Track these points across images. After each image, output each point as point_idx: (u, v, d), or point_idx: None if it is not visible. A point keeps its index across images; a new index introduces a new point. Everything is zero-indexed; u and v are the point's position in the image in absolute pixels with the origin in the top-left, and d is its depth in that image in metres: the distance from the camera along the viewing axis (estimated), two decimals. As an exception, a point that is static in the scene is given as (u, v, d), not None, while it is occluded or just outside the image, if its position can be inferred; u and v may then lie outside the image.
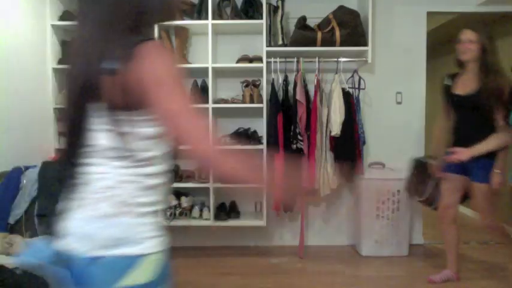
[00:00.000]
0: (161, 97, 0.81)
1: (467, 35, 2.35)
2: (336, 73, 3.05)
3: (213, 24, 2.97)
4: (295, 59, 3.04)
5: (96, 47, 0.84)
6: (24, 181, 2.23)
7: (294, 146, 2.92)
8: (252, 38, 3.20)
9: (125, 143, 0.84)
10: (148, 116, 0.85)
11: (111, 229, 0.83)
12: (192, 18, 3.08)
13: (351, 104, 3.03)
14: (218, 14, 3.03)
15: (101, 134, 0.86)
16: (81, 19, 0.90)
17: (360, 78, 3.14)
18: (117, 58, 0.81)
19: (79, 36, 0.90)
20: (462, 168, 2.43)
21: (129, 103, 0.83)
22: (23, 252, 0.87)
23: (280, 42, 2.99)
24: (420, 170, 2.74)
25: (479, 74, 2.33)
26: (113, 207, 0.84)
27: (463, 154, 2.33)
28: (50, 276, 0.84)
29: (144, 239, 0.84)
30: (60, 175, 0.91)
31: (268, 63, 3.01)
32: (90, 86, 0.83)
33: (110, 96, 0.82)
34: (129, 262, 0.81)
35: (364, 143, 3.13)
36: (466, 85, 2.39)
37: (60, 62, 3.02)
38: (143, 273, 0.82)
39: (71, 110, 0.90)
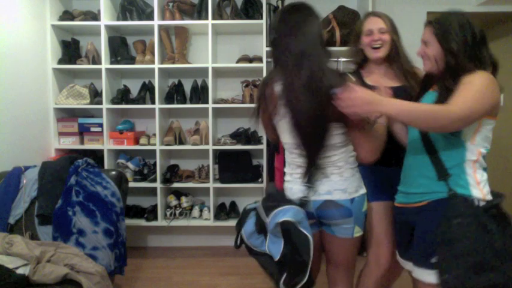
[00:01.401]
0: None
1: (378, 24, 1.79)
2: (336, 73, 3.05)
3: (213, 24, 2.97)
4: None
5: (327, 79, 1.35)
6: (24, 181, 2.23)
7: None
8: (252, 38, 3.20)
9: (346, 139, 1.46)
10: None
11: (353, 183, 1.46)
12: (192, 18, 3.08)
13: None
14: (218, 14, 3.03)
15: (334, 136, 1.42)
16: (308, 57, 1.37)
17: (359, 78, 3.13)
18: (338, 86, 1.32)
19: (307, 67, 1.36)
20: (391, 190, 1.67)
21: (340, 116, 1.35)
22: (285, 213, 1.35)
23: (280, 42, 2.99)
24: None
25: (396, 73, 1.81)
26: (349, 172, 1.46)
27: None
28: (308, 233, 1.34)
29: (363, 185, 1.50)
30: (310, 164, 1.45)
31: (268, 63, 3.00)
32: (325, 105, 1.34)
33: (334, 111, 1.33)
34: (364, 198, 1.48)
35: (364, 143, 3.13)
36: (378, 80, 1.83)
37: (60, 62, 3.02)
38: (366, 202, 1.50)
39: (312, 122, 1.37)
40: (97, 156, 3.10)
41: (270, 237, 1.40)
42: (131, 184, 2.90)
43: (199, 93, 3.12)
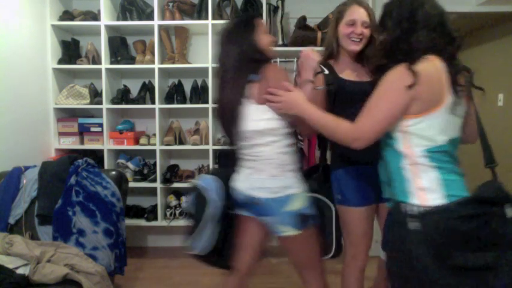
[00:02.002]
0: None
1: (363, 16, 1.62)
2: (336, 73, 3.05)
3: (213, 24, 2.97)
4: (295, 59, 3.04)
5: (248, 67, 1.48)
6: (24, 181, 2.23)
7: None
8: (252, 38, 3.19)
9: (275, 128, 1.46)
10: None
11: (279, 182, 1.45)
12: (192, 18, 3.08)
13: (350, 104, 3.02)
14: (218, 14, 3.03)
15: (260, 122, 1.46)
16: (228, 55, 1.55)
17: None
18: (256, 72, 1.46)
19: (232, 60, 1.52)
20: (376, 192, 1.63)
21: (262, 99, 1.45)
22: (201, 180, 1.59)
23: (280, 42, 2.99)
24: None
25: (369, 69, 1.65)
26: (276, 171, 1.46)
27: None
28: (209, 196, 1.53)
29: (295, 184, 1.48)
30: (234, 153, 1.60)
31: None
32: (243, 90, 1.47)
33: (256, 95, 1.46)
34: (290, 197, 1.45)
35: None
36: (350, 73, 1.68)
37: (60, 61, 3.02)
38: (298, 202, 1.46)
39: (229, 105, 1.51)
40: (97, 156, 3.10)
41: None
42: (131, 184, 2.90)
43: (199, 93, 3.13)
